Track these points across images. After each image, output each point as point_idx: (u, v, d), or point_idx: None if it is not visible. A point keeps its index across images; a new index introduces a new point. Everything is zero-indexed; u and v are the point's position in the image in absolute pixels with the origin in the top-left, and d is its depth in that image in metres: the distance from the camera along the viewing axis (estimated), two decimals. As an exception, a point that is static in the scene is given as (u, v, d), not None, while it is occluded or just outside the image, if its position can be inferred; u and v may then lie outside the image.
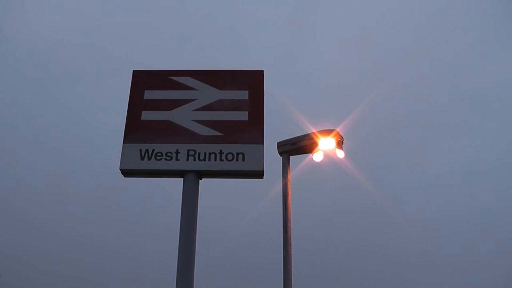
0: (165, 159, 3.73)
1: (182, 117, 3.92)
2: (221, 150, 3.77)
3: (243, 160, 3.74)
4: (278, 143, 9.56)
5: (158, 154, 3.75)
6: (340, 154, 9.43)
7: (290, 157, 9.58)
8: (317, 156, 9.49)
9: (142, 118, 3.93)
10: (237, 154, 3.76)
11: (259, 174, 3.77)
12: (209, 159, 3.73)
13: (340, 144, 9.38)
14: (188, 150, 3.77)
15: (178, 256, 3.55)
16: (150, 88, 4.07)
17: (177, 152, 3.76)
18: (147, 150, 3.77)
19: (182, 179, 3.75)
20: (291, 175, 9.53)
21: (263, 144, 3.84)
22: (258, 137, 3.85)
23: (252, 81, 4.14)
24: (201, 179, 3.78)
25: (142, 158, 3.74)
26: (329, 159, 9.89)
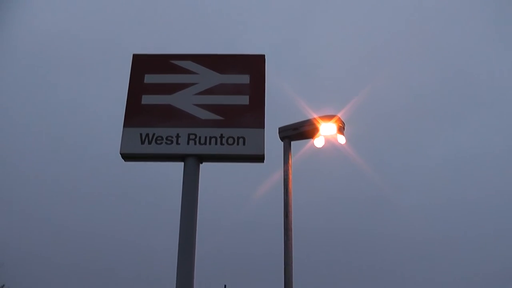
0: (166, 143, 3.72)
1: (182, 101, 3.90)
2: (221, 134, 3.75)
3: (244, 144, 3.73)
4: (279, 128, 9.55)
5: (159, 138, 3.73)
6: (341, 139, 9.41)
7: (292, 142, 9.58)
8: (318, 142, 9.47)
9: (143, 102, 3.91)
10: (238, 138, 3.74)
11: (259, 158, 3.76)
12: (210, 143, 3.72)
13: (341, 129, 9.35)
14: (189, 134, 3.75)
15: (179, 240, 3.55)
16: (151, 72, 4.04)
17: (177, 136, 3.74)
18: (147, 134, 3.75)
19: (183, 163, 3.74)
20: (292, 160, 9.53)
21: (264, 128, 3.82)
22: (259, 121, 3.83)
23: (253, 65, 4.11)
24: (201, 163, 3.76)
25: (143, 142, 3.72)
26: (331, 144, 9.88)
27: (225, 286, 45.93)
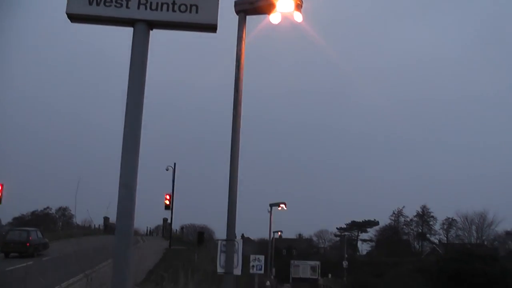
0: (115, 6, 3.55)
1: None
2: (174, 1, 3.60)
3: (197, 12, 3.60)
4: (235, 1, 9.36)
5: (108, 0, 3.56)
6: (298, 17, 9.22)
7: (247, 18, 9.42)
8: (274, 18, 9.28)
9: None
10: (191, 5, 3.61)
11: (212, 28, 3.66)
12: (161, 9, 3.58)
13: (299, 7, 9.15)
14: None
15: (127, 109, 3.51)
16: None
17: (127, 0, 3.58)
18: (96, -5, 3.57)
19: (132, 29, 3.60)
20: (247, 40, 9.46)
21: None
22: None
23: None
24: (152, 30, 3.64)
25: (90, 3, 3.54)
26: (288, 23, 9.73)
27: (174, 164, 46.77)
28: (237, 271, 9.40)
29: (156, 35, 3.71)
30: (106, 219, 62.41)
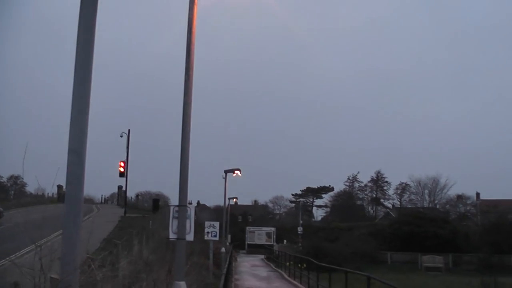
0: None
1: None
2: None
3: None
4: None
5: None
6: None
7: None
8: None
9: None
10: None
11: None
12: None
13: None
14: None
15: (75, 71, 3.41)
16: None
17: None
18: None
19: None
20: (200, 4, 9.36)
21: None
22: None
23: None
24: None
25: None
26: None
27: (129, 130, 46.20)
28: (190, 237, 9.38)
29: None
30: (59, 187, 61.13)
